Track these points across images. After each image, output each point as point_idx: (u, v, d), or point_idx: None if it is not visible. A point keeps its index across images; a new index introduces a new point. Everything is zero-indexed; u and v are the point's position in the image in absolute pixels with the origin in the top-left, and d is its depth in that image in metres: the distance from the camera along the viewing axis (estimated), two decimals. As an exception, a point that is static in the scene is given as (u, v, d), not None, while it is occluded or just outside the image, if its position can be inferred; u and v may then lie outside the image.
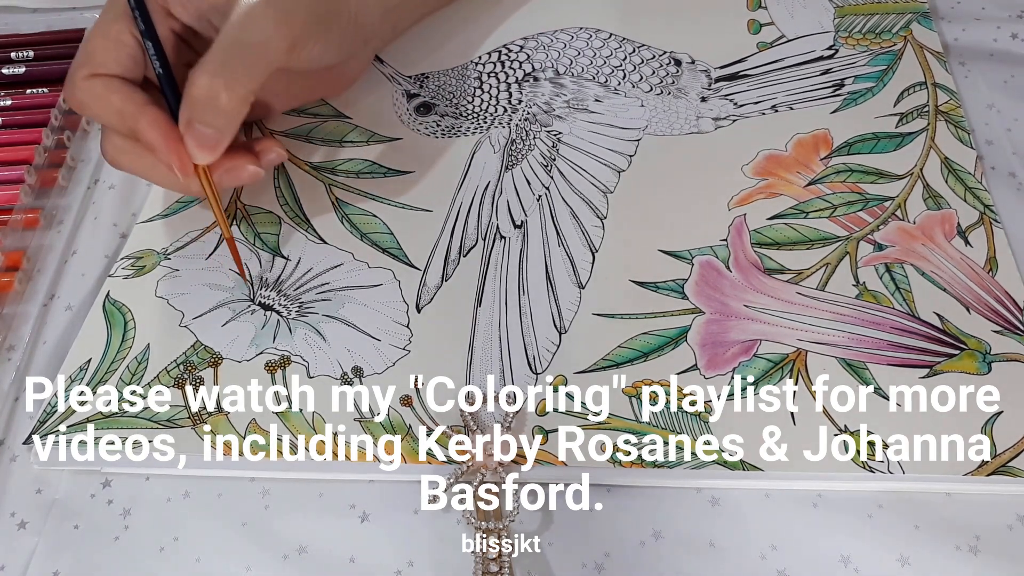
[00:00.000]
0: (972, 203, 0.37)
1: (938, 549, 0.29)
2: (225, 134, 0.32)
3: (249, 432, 0.32)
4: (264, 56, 0.32)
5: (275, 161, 0.36)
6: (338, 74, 0.41)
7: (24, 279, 0.39)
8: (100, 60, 0.33)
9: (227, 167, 0.34)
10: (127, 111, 0.32)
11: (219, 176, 0.34)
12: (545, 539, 0.30)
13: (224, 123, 0.32)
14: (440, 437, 0.32)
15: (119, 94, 0.33)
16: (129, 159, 0.34)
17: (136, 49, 0.34)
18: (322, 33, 0.34)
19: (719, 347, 0.33)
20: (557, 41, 0.44)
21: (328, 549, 0.30)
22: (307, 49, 0.34)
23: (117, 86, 0.33)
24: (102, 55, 0.33)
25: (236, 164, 0.34)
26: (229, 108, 0.32)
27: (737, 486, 0.31)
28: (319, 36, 0.34)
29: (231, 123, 0.32)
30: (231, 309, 0.36)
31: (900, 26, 0.43)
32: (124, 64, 0.34)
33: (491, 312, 0.35)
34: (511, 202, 0.38)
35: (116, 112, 0.33)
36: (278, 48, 0.32)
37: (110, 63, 0.33)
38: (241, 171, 0.34)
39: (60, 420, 0.33)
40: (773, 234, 0.36)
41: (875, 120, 0.40)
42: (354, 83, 0.43)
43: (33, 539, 0.31)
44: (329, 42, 0.35)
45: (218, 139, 0.32)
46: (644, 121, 0.41)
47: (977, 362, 0.32)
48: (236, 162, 0.34)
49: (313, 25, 0.34)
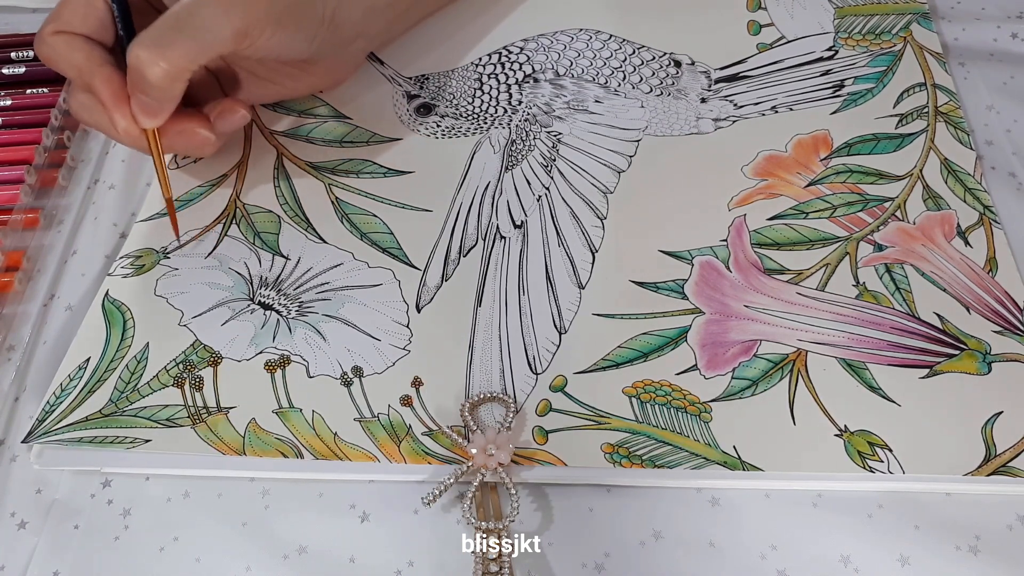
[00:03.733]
0: (972, 204, 0.37)
1: (938, 549, 0.29)
2: (163, 105, 0.34)
3: (249, 432, 0.32)
4: (203, 40, 0.33)
5: (237, 124, 0.37)
6: (325, 68, 0.41)
7: (24, 279, 0.39)
8: (67, 19, 0.35)
9: (176, 130, 0.35)
10: (85, 68, 0.34)
11: (170, 139, 0.36)
12: (545, 539, 0.30)
13: (157, 95, 0.33)
14: (440, 437, 0.32)
15: (80, 51, 0.34)
16: (89, 114, 0.35)
17: (105, 12, 0.35)
18: (283, 26, 0.35)
19: (719, 347, 0.33)
20: (557, 43, 0.44)
21: (328, 549, 0.30)
22: (262, 39, 0.34)
23: (79, 44, 0.34)
24: (70, 14, 0.35)
25: (186, 128, 0.36)
26: (160, 83, 0.32)
27: (737, 486, 0.31)
28: (279, 29, 0.34)
29: (165, 95, 0.33)
30: (231, 308, 0.36)
31: (900, 27, 0.43)
32: (91, 25, 0.35)
33: (491, 312, 0.35)
34: (511, 202, 0.38)
35: (76, 68, 0.34)
36: (220, 34, 0.33)
37: (76, 22, 0.35)
38: (192, 135, 0.36)
39: (60, 420, 0.33)
40: (773, 234, 0.36)
41: (875, 121, 0.40)
42: (347, 79, 0.43)
43: (33, 539, 0.31)
44: (295, 36, 0.36)
45: (157, 108, 0.33)
46: (644, 122, 0.41)
47: (977, 362, 0.32)
48: (186, 126, 0.35)
49: (271, 17, 0.34)
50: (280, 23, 0.34)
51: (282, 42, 0.35)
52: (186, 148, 0.37)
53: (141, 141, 0.35)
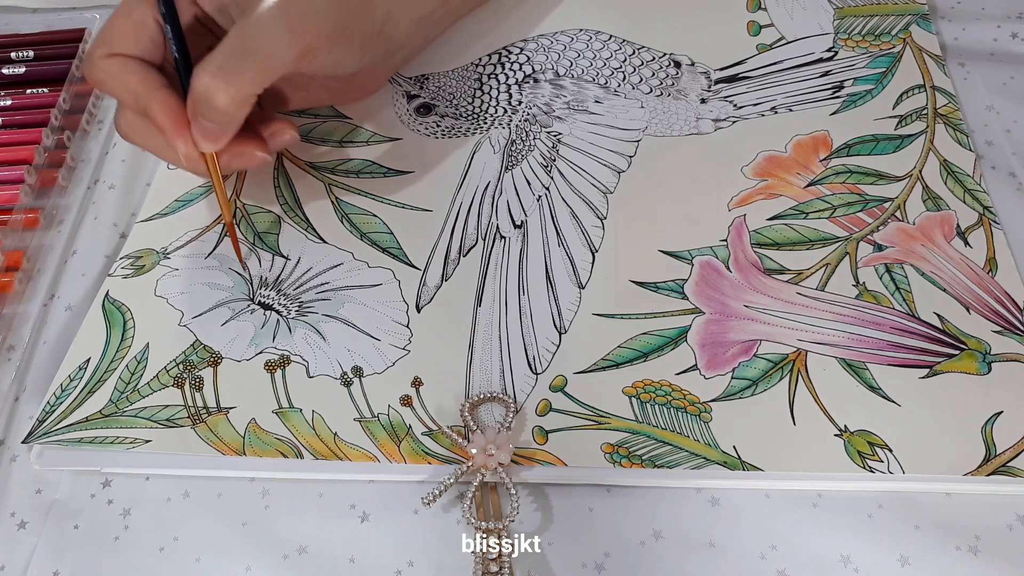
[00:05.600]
0: (971, 205, 0.37)
1: (938, 549, 0.29)
2: (226, 129, 0.33)
3: (249, 432, 0.32)
4: (268, 63, 0.32)
5: (287, 143, 0.37)
6: (365, 80, 0.41)
7: (24, 279, 0.39)
8: (119, 40, 0.34)
9: (234, 152, 0.35)
10: (141, 92, 0.33)
11: (227, 160, 0.35)
12: (545, 539, 0.30)
13: (222, 121, 0.32)
14: (440, 437, 0.32)
15: (135, 75, 0.33)
16: (141, 136, 0.35)
17: (156, 32, 0.34)
18: (340, 42, 0.34)
19: (719, 347, 0.33)
20: (557, 43, 0.44)
21: (328, 549, 0.30)
22: (322, 57, 0.34)
23: (134, 67, 0.34)
24: (122, 36, 0.34)
25: (243, 150, 0.35)
26: (226, 109, 0.32)
27: (737, 486, 0.31)
28: (336, 45, 0.34)
29: (230, 121, 0.33)
30: (231, 308, 0.36)
31: (899, 28, 0.43)
32: (143, 46, 0.34)
33: (491, 312, 0.35)
34: (511, 202, 0.38)
35: (131, 92, 0.33)
36: (285, 56, 0.32)
37: (129, 44, 0.34)
38: (248, 157, 0.35)
39: (60, 420, 0.33)
40: (773, 234, 0.36)
41: (874, 122, 0.40)
42: (373, 94, 0.43)
43: (33, 539, 0.31)
44: (348, 51, 0.35)
45: (220, 133, 0.33)
46: (644, 122, 0.41)
47: (977, 362, 0.32)
48: (243, 148, 0.35)
49: (330, 34, 0.33)
50: (339, 39, 0.34)
51: (338, 58, 0.35)
52: (240, 168, 0.36)
53: (200, 165, 0.34)
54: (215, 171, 0.35)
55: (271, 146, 0.36)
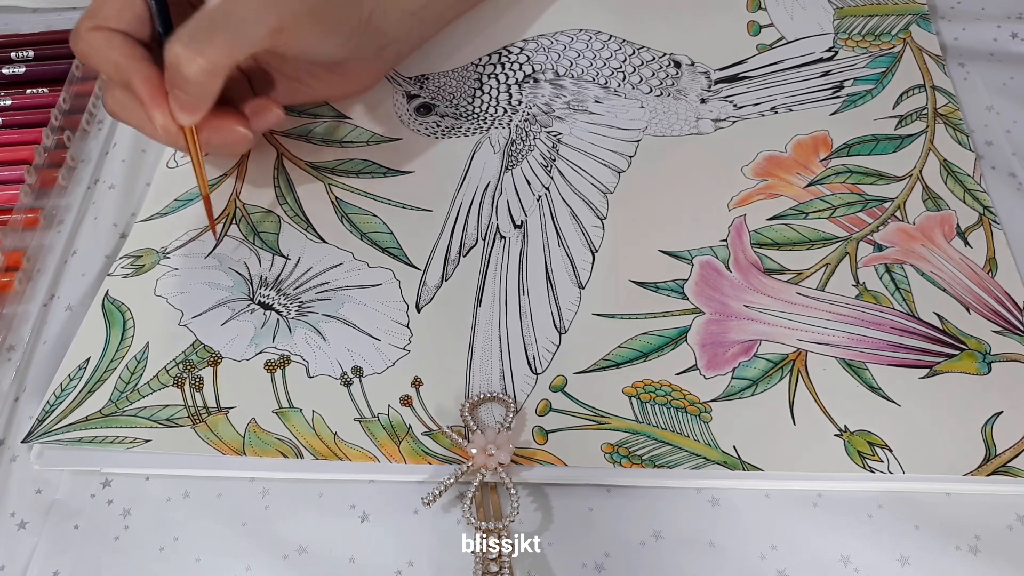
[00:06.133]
0: (971, 205, 0.37)
1: (938, 549, 0.29)
2: (200, 101, 0.33)
3: (249, 432, 0.32)
4: (240, 36, 0.32)
5: (271, 122, 0.37)
6: (356, 73, 0.41)
7: (24, 279, 0.39)
8: (105, 14, 0.34)
9: (213, 126, 0.35)
10: (123, 65, 0.33)
11: (207, 136, 0.35)
12: (545, 539, 0.30)
13: (195, 91, 0.33)
14: (440, 437, 0.32)
15: (119, 48, 0.34)
16: (125, 112, 0.35)
17: (142, 8, 0.35)
18: (318, 24, 0.34)
19: (719, 347, 0.33)
20: (557, 43, 0.44)
21: (328, 549, 0.30)
22: (300, 38, 0.34)
23: (118, 41, 0.34)
24: (107, 10, 0.34)
25: (222, 124, 0.35)
26: (196, 79, 0.32)
27: (737, 486, 0.31)
28: (314, 27, 0.34)
29: (203, 92, 0.33)
30: (230, 308, 0.36)
31: (899, 28, 0.43)
32: (128, 21, 0.34)
33: (491, 312, 0.35)
34: (511, 202, 0.38)
35: (113, 65, 0.34)
36: (257, 31, 0.33)
37: (113, 18, 0.34)
38: (228, 131, 0.35)
39: (60, 420, 0.33)
40: (773, 234, 0.36)
41: (874, 122, 0.40)
42: (374, 86, 0.43)
43: (33, 539, 0.31)
44: (328, 35, 0.35)
45: (194, 105, 0.33)
46: (644, 122, 0.41)
47: (977, 362, 0.32)
48: (223, 122, 0.35)
49: (306, 14, 0.34)
50: (317, 20, 0.34)
51: (318, 41, 0.35)
52: (222, 145, 0.37)
53: (178, 138, 0.35)
54: (193, 145, 0.35)
55: (255, 124, 0.36)
